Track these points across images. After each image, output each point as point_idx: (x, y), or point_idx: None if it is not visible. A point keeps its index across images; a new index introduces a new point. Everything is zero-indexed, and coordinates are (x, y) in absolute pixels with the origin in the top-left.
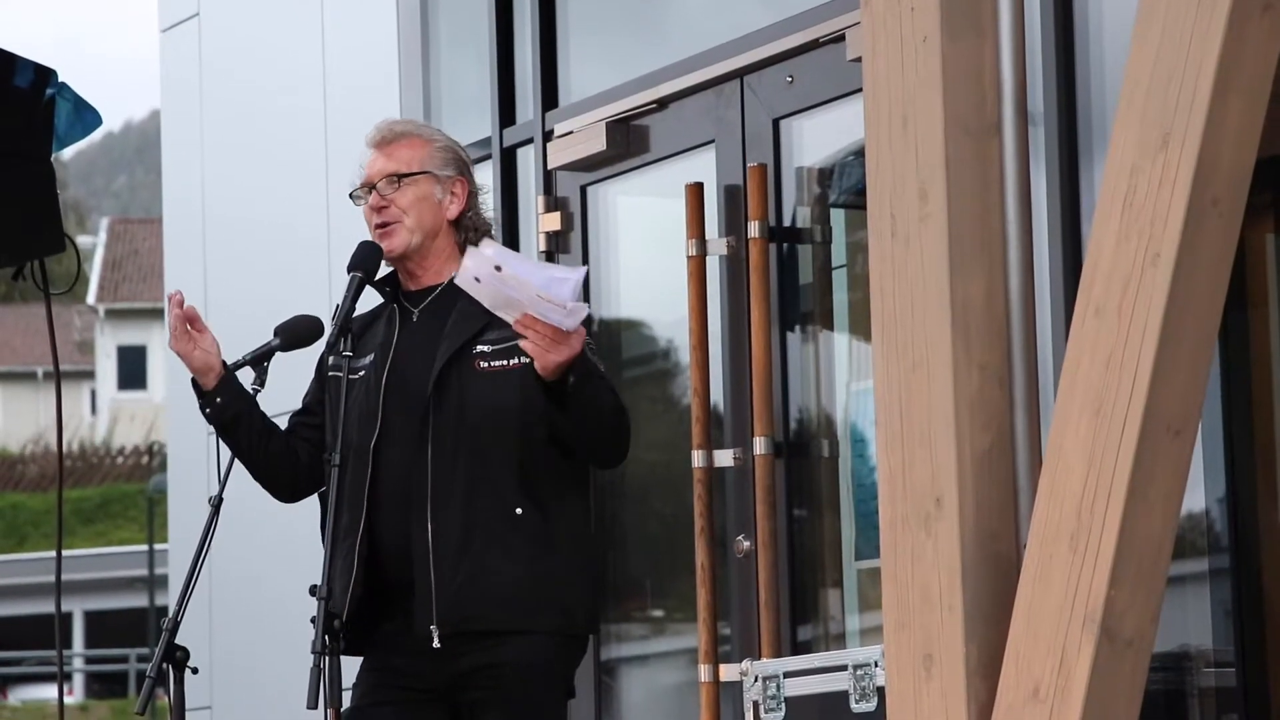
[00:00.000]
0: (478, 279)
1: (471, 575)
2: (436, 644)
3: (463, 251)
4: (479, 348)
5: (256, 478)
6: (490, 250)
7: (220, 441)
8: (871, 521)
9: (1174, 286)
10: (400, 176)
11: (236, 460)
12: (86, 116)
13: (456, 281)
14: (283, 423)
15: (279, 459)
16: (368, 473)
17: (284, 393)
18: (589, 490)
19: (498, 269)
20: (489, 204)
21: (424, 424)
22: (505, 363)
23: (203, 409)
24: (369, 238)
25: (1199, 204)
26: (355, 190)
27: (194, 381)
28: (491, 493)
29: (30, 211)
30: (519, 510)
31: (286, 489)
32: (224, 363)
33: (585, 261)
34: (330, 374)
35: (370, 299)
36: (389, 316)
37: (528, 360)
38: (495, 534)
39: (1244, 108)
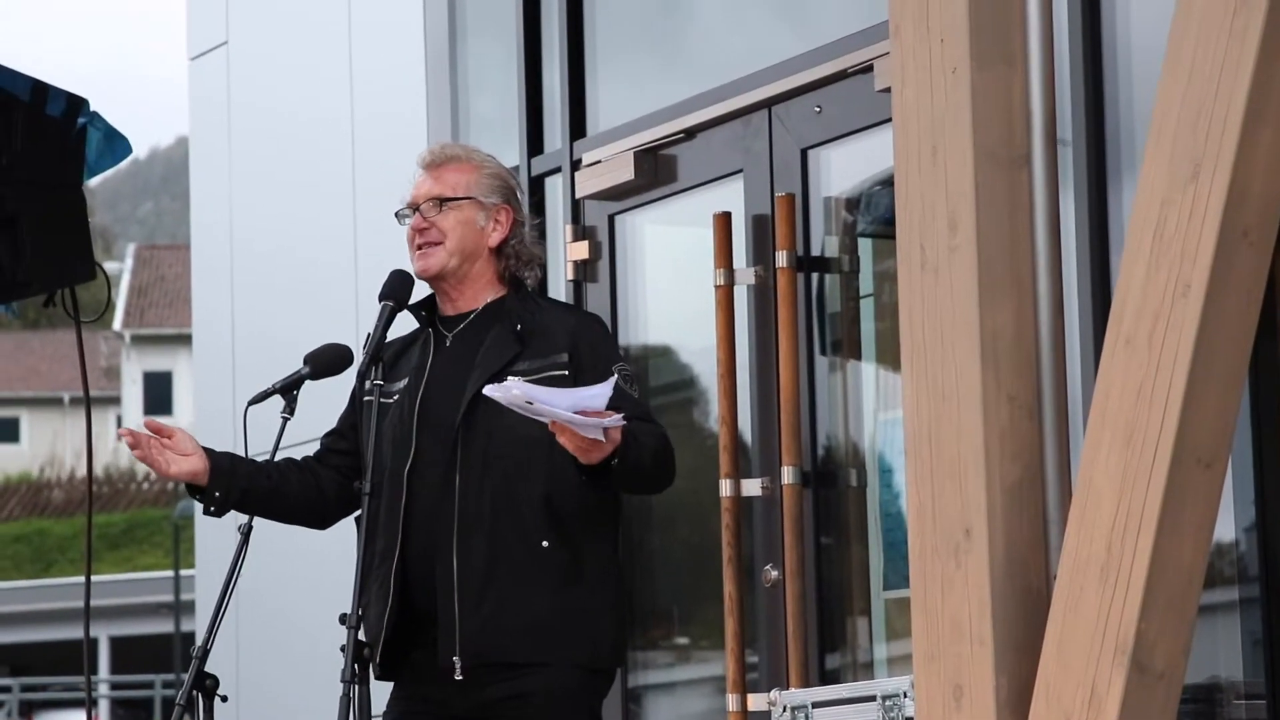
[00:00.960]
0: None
1: (495, 608)
2: (459, 675)
3: (502, 280)
4: (511, 378)
5: (284, 522)
6: (518, 389)
7: None
8: (899, 551)
9: (1204, 317)
10: (444, 200)
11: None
12: (117, 145)
13: (490, 396)
14: (313, 447)
15: (298, 504)
16: (402, 499)
17: (312, 420)
18: (619, 522)
19: (529, 402)
20: (535, 235)
21: (453, 453)
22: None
23: (206, 510)
24: (397, 265)
25: (1229, 235)
26: (401, 209)
27: (188, 487)
28: (517, 525)
29: (62, 240)
30: (545, 544)
31: (316, 522)
32: (205, 451)
33: (613, 290)
34: (365, 399)
35: (403, 325)
36: (424, 341)
37: None
38: (519, 566)
39: (1274, 138)
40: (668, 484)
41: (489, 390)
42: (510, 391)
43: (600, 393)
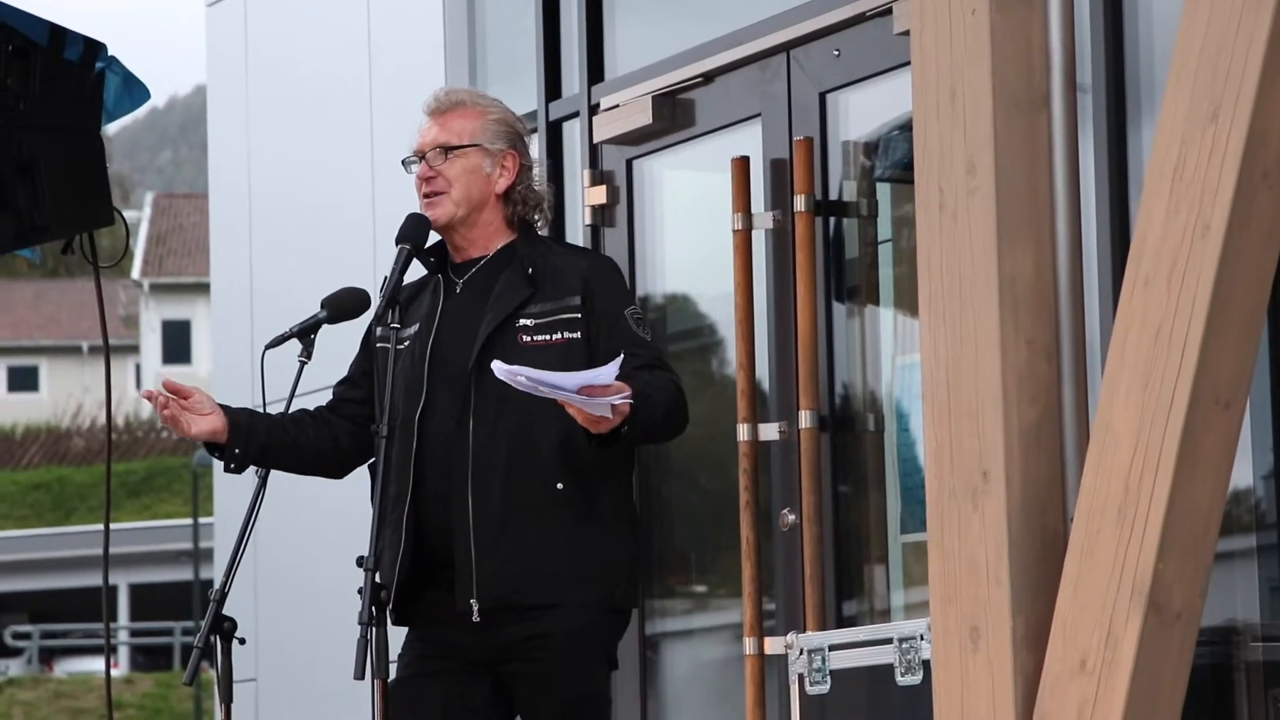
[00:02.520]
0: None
1: (511, 550)
2: (475, 618)
3: (511, 225)
4: (522, 321)
5: (302, 474)
6: (523, 376)
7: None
8: (917, 495)
9: (1224, 259)
10: (450, 148)
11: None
12: (135, 91)
13: (496, 373)
14: (327, 396)
15: (316, 456)
16: (413, 444)
17: (330, 365)
18: (633, 464)
19: (537, 386)
20: (541, 177)
21: (466, 398)
22: (549, 337)
23: (226, 468)
24: (415, 210)
25: (1249, 176)
26: (407, 157)
27: (207, 446)
28: (532, 468)
29: (80, 185)
30: (560, 485)
31: (334, 473)
32: (223, 408)
33: (630, 235)
34: (378, 345)
35: (418, 269)
36: (434, 287)
37: (574, 336)
38: (535, 509)
39: None
40: (680, 432)
41: (495, 368)
42: (516, 377)
43: (607, 371)
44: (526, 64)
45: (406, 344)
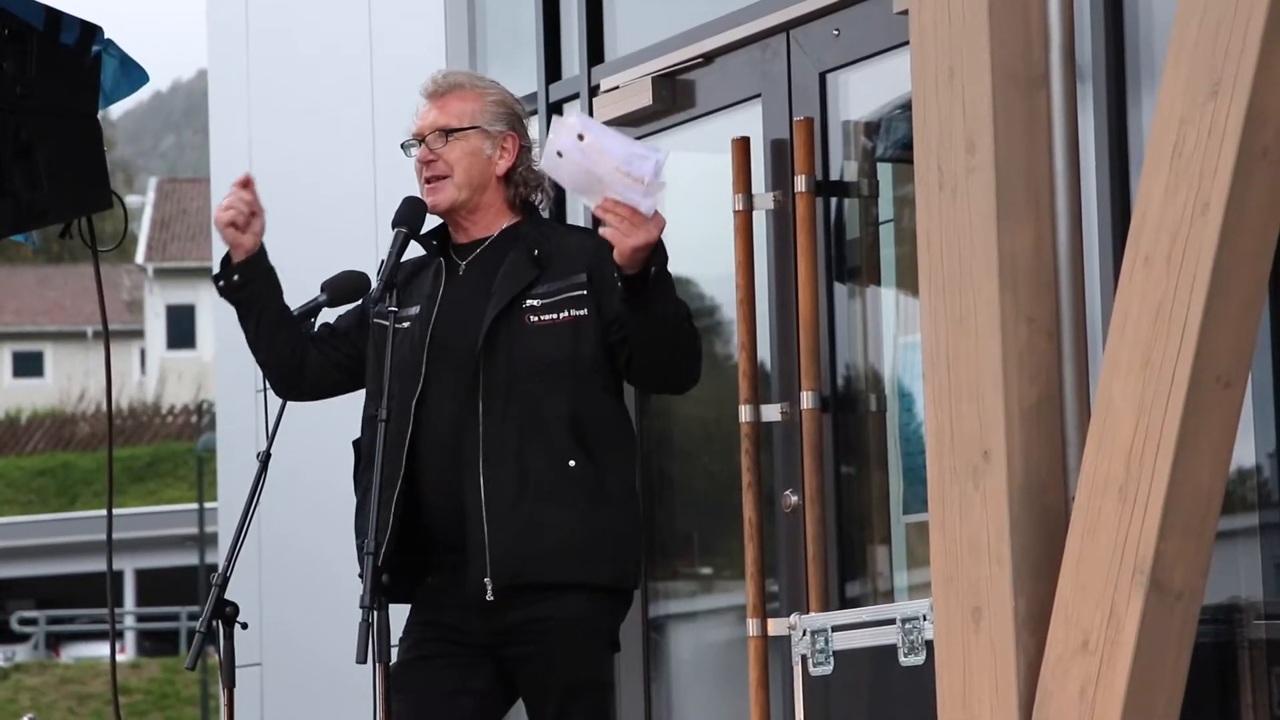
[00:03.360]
0: (560, 153)
1: (525, 529)
2: (490, 597)
3: (512, 206)
4: (529, 302)
5: (257, 361)
6: (574, 118)
7: (267, 397)
8: (919, 475)
9: (1223, 237)
10: (449, 131)
11: (279, 408)
12: (133, 74)
13: (540, 166)
14: None
15: (285, 351)
16: (409, 428)
17: None
18: (635, 441)
19: (580, 137)
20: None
21: (474, 380)
22: (556, 316)
23: (217, 280)
24: (416, 193)
25: (1249, 154)
26: (406, 141)
27: (225, 255)
28: (544, 447)
29: (77, 169)
30: (572, 463)
31: (282, 385)
32: (261, 247)
33: None
34: (374, 321)
35: (416, 252)
36: (435, 269)
37: (581, 312)
38: (548, 487)
39: None
40: (695, 371)
41: (543, 158)
42: (566, 121)
43: (650, 155)
44: (526, 45)
45: (406, 324)
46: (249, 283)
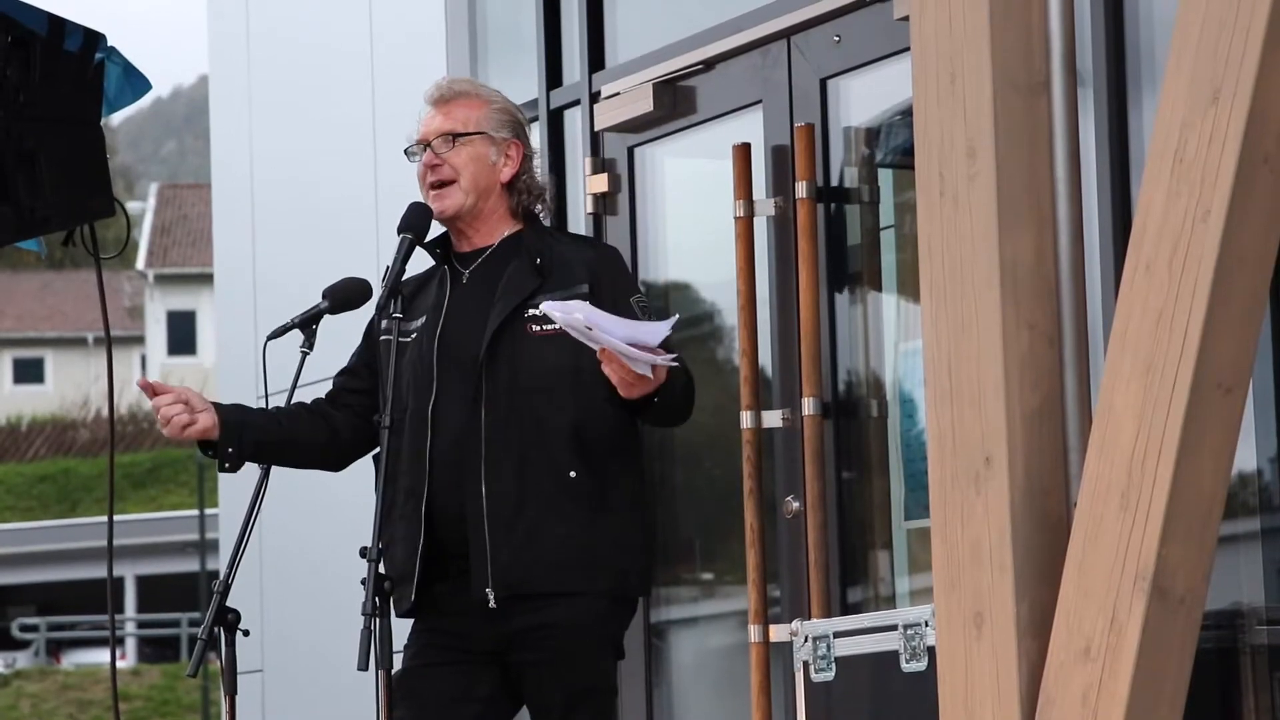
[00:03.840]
0: (563, 328)
1: (526, 539)
2: (492, 604)
3: (515, 215)
4: (531, 311)
5: (300, 468)
6: (580, 314)
7: (268, 403)
8: (921, 481)
9: (1224, 243)
10: (455, 136)
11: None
12: (136, 81)
13: (549, 314)
14: (329, 386)
15: (312, 450)
16: (427, 436)
17: (332, 356)
18: (642, 451)
19: (588, 328)
20: (542, 168)
21: (477, 389)
22: (558, 326)
23: (221, 467)
24: (418, 198)
25: (1249, 160)
26: (410, 146)
27: (200, 445)
28: (545, 457)
29: (80, 176)
30: (573, 474)
31: (332, 465)
32: (214, 406)
33: (632, 223)
34: (381, 337)
35: (421, 261)
36: (440, 279)
37: None
38: (549, 497)
39: None
40: (686, 419)
41: (547, 306)
42: (573, 314)
43: (658, 329)
44: (527, 51)
45: (414, 336)
46: (240, 448)
